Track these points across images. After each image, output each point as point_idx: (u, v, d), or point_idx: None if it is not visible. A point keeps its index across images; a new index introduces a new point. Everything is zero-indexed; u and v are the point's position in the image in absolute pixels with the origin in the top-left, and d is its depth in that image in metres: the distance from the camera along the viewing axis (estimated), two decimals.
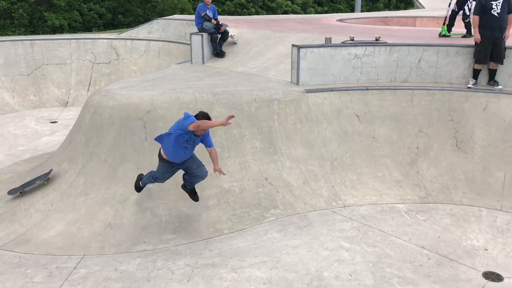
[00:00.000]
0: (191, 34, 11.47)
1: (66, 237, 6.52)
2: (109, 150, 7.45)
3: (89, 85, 14.32)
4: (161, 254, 6.11)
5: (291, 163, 7.69)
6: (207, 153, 6.18)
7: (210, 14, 11.33)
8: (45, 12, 24.05)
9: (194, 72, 10.27)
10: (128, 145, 7.43)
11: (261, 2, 33.22)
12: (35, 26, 23.95)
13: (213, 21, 11.32)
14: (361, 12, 28.04)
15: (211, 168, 6.19)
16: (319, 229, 6.62)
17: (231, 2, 31.81)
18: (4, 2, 23.08)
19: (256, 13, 31.65)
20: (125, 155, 7.37)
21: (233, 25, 13.15)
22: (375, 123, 8.19)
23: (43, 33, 23.04)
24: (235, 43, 11.90)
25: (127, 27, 23.04)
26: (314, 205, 7.26)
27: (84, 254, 6.15)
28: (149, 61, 14.47)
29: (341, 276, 5.56)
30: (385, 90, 8.40)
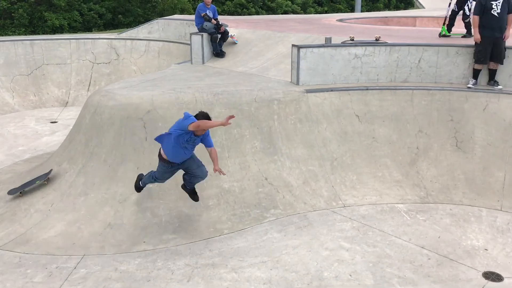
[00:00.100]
0: (191, 34, 11.47)
1: (66, 237, 6.52)
2: (109, 150, 7.45)
3: (89, 85, 14.32)
4: (161, 254, 6.11)
5: (291, 163, 7.69)
6: (207, 153, 6.18)
7: (210, 14, 11.33)
8: (45, 12, 24.05)
9: (194, 72, 10.27)
10: (128, 145, 7.43)
11: (261, 2, 33.22)
12: (35, 26, 23.95)
13: (213, 21, 11.32)
14: (361, 12, 28.04)
15: (211, 168, 6.20)
16: (319, 229, 6.62)
17: (231, 2, 31.81)
18: (4, 2, 23.08)
19: (256, 13, 31.65)
20: (125, 155, 7.37)
21: (233, 25, 13.15)
22: (375, 123, 8.19)
23: (43, 33, 23.04)
24: (235, 43, 11.90)
25: (127, 27, 23.04)
26: (314, 205, 7.26)
27: (84, 254, 6.15)
28: (149, 61, 14.47)
29: (341, 276, 5.56)
30: (385, 90, 8.40)
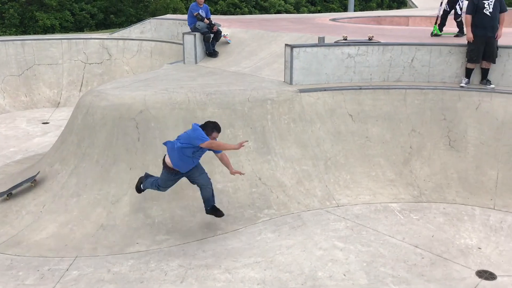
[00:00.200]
0: (184, 33, 11.43)
1: (58, 238, 6.47)
2: (102, 150, 7.40)
3: (81, 85, 14.24)
4: (154, 255, 6.07)
5: (284, 163, 7.67)
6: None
7: (202, 14, 11.30)
8: (36, 12, 23.90)
9: (186, 72, 10.23)
10: (120, 145, 7.38)
11: (254, 2, 33.22)
12: (26, 26, 23.80)
13: (206, 20, 11.29)
14: (354, 11, 28.08)
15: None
16: (313, 229, 6.61)
17: (224, 1, 31.78)
18: None
19: (249, 12, 31.65)
20: (118, 155, 7.33)
21: (226, 24, 13.13)
22: (368, 122, 8.20)
23: (34, 33, 22.90)
24: (228, 42, 11.87)
25: (119, 27, 22.94)
26: (308, 205, 7.25)
27: (77, 255, 6.10)
28: (142, 61, 14.41)
29: (335, 276, 5.55)
30: (378, 90, 8.41)
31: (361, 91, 8.40)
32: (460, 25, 10.37)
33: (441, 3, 10.72)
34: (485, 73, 8.30)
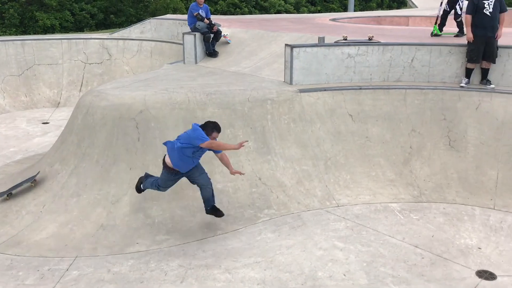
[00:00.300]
0: (184, 33, 11.42)
1: (58, 238, 6.47)
2: (102, 150, 7.40)
3: (81, 85, 14.23)
4: (154, 255, 6.07)
5: (284, 163, 7.67)
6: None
7: (202, 14, 11.30)
8: (36, 12, 23.90)
9: (186, 72, 10.23)
10: (120, 145, 7.38)
11: (254, 2, 33.22)
12: (26, 26, 23.80)
13: (206, 20, 11.29)
14: (354, 11, 28.08)
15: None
16: (313, 229, 6.61)
17: (224, 1, 31.78)
18: None
19: (249, 12, 31.65)
20: (118, 155, 7.32)
21: (226, 24, 13.12)
22: (368, 122, 8.20)
23: (34, 33, 22.90)
24: (228, 42, 11.87)
25: (119, 27, 22.94)
26: (308, 205, 7.25)
27: (77, 255, 6.10)
28: (142, 61, 14.41)
29: (335, 276, 5.55)
30: (378, 90, 8.41)
31: (361, 91, 8.40)
32: (460, 25, 10.37)
33: (441, 3, 10.72)
34: (485, 73, 8.30)
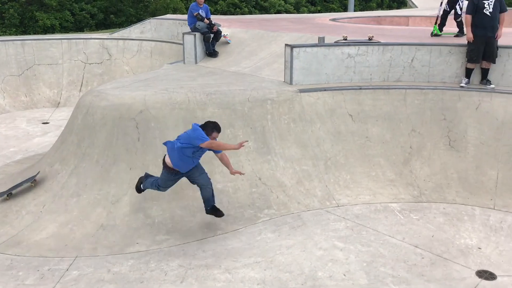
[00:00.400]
0: (184, 33, 11.42)
1: (58, 238, 6.47)
2: (102, 150, 7.40)
3: (81, 85, 14.24)
4: (154, 255, 6.07)
5: (284, 163, 7.67)
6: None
7: (202, 14, 11.30)
8: (36, 12, 23.90)
9: (186, 72, 10.23)
10: (120, 145, 7.38)
11: (254, 2, 33.23)
12: (26, 26, 23.80)
13: (206, 20, 11.29)
14: (354, 11, 28.08)
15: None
16: (313, 229, 6.61)
17: (223, 1, 31.78)
18: None
19: (249, 12, 31.65)
20: (118, 155, 7.32)
21: (226, 24, 13.13)
22: (368, 122, 8.20)
23: (34, 33, 22.90)
24: (228, 42, 11.87)
25: (119, 27, 22.94)
26: (308, 205, 7.25)
27: (77, 255, 6.10)
28: (142, 61, 14.41)
29: (335, 276, 5.55)
30: (378, 90, 8.41)
31: (361, 91, 8.40)
32: (460, 25, 10.37)
33: (441, 3, 10.72)
34: (485, 73, 8.30)
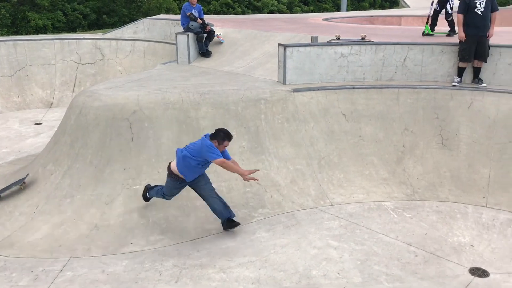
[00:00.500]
0: (177, 33, 11.41)
1: (52, 239, 6.44)
2: (95, 151, 7.37)
3: (74, 86, 14.17)
4: (148, 255, 6.07)
5: (278, 163, 7.69)
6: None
7: (195, 14, 11.30)
8: (28, 12, 23.78)
9: (180, 72, 10.21)
10: (114, 146, 7.36)
11: (247, 2, 33.24)
12: (18, 26, 23.67)
13: (199, 20, 11.29)
14: (347, 11, 28.16)
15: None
16: (307, 228, 6.63)
17: (217, 1, 31.77)
18: None
19: (242, 12, 31.66)
20: (111, 156, 7.30)
21: (219, 24, 13.12)
22: (361, 121, 8.23)
23: (26, 34, 22.77)
24: (221, 42, 11.87)
25: (112, 27, 22.87)
26: (302, 204, 7.26)
27: (71, 256, 6.08)
28: (135, 61, 14.37)
29: (329, 274, 5.57)
30: (371, 89, 8.44)
31: (354, 90, 8.43)
32: (451, 24, 10.44)
33: (432, 2, 10.78)
34: (477, 72, 8.36)
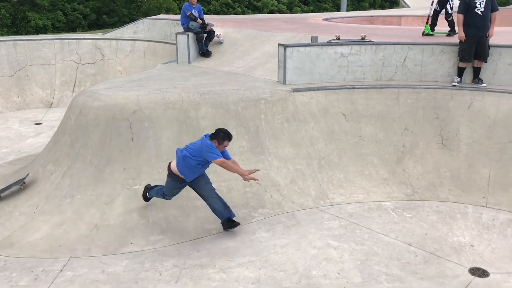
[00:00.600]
0: (177, 33, 11.41)
1: (52, 239, 6.44)
2: (95, 151, 7.38)
3: (74, 86, 14.17)
4: (148, 256, 6.07)
5: (278, 163, 7.69)
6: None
7: (195, 14, 11.30)
8: (28, 12, 23.78)
9: (180, 72, 10.21)
10: (114, 146, 7.36)
11: (247, 2, 33.24)
12: (18, 26, 23.67)
13: (199, 20, 11.29)
14: (347, 11, 28.16)
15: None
16: (307, 228, 6.63)
17: (217, 1, 31.77)
18: None
19: (242, 12, 31.67)
20: (111, 156, 7.31)
21: (219, 24, 13.12)
22: (361, 121, 8.23)
23: (26, 34, 22.77)
24: (221, 42, 11.87)
25: (112, 27, 22.87)
26: (302, 204, 7.26)
27: (71, 256, 6.08)
28: (135, 61, 14.37)
29: (329, 275, 5.57)
30: (371, 89, 8.44)
31: (354, 90, 8.43)
32: (451, 24, 10.44)
33: (432, 2, 10.78)
34: (477, 72, 8.36)
